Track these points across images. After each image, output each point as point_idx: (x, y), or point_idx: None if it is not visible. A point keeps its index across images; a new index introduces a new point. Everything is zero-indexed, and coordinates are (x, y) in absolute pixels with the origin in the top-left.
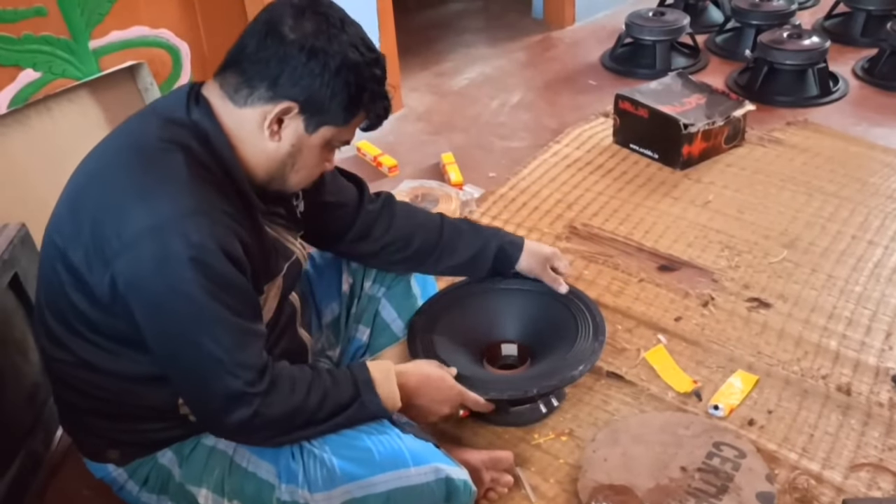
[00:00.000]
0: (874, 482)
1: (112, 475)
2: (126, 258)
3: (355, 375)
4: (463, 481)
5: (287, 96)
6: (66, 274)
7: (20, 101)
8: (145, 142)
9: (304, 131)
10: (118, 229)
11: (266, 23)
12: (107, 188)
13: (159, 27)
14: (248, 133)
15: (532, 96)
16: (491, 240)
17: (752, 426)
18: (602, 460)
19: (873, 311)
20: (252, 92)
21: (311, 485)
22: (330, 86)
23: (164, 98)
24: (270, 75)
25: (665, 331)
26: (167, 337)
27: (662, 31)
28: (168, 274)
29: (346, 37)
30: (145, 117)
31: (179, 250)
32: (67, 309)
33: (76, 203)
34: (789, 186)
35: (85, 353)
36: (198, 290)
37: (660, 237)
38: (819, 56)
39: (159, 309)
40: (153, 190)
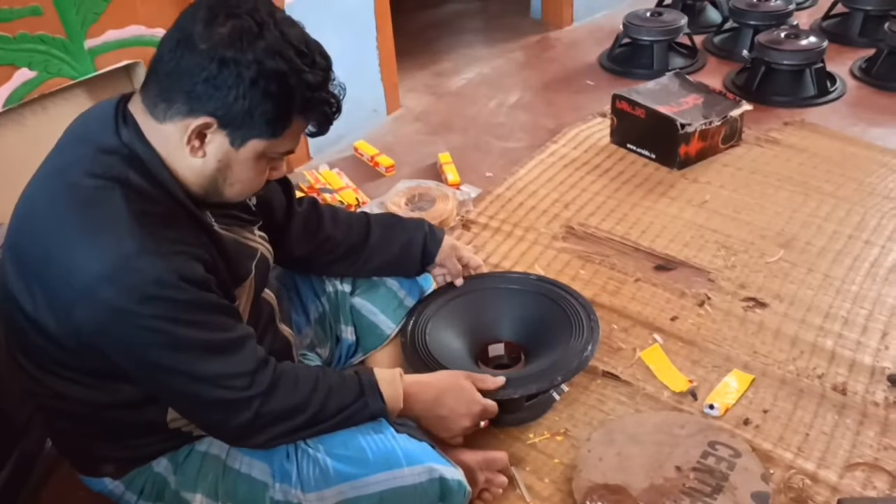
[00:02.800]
0: (869, 482)
1: (109, 488)
2: (84, 308)
3: (361, 377)
4: (457, 481)
5: (203, 111)
6: (26, 322)
7: (15, 100)
8: (79, 181)
9: (230, 146)
10: (68, 279)
11: (179, 29)
12: (47, 236)
13: (155, 27)
14: (174, 149)
15: (530, 96)
16: (416, 232)
17: (747, 426)
18: (597, 460)
19: (869, 310)
20: (170, 106)
21: (305, 484)
22: (247, 98)
23: (92, 117)
24: (183, 87)
25: (661, 330)
26: (148, 371)
27: (660, 31)
28: (130, 317)
29: (263, 42)
30: (74, 147)
31: (136, 291)
32: (36, 351)
33: (17, 253)
34: (786, 186)
35: (63, 389)
36: (164, 324)
37: (656, 237)
38: (816, 56)
39: (132, 350)
40: (97, 235)
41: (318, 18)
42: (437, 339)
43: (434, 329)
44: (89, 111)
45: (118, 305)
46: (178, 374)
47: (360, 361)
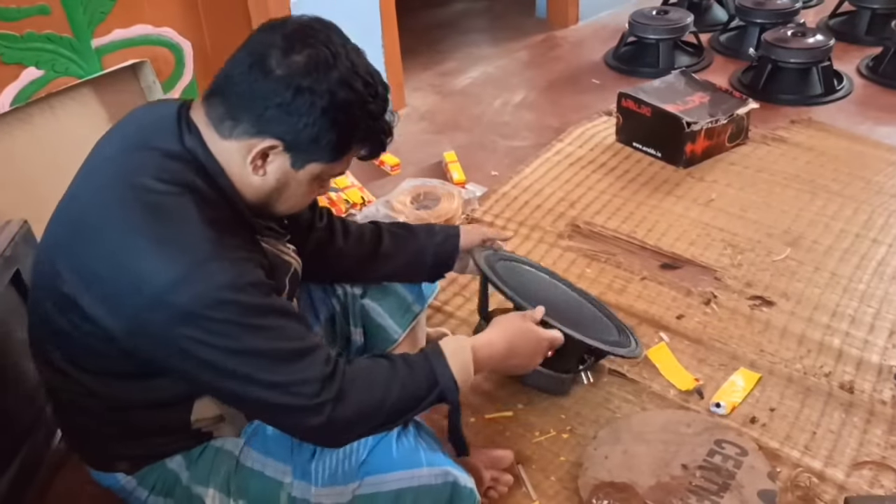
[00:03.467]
0: (876, 480)
1: (121, 483)
2: (155, 312)
3: (432, 361)
4: (469, 489)
5: (271, 133)
6: (79, 320)
7: (23, 99)
8: (148, 185)
9: (290, 167)
10: (138, 284)
11: (253, 53)
12: (115, 240)
13: (162, 25)
14: (234, 164)
15: (535, 95)
16: (427, 242)
17: (754, 424)
18: (603, 458)
19: (876, 309)
20: (236, 125)
21: (324, 480)
22: (317, 125)
23: (150, 122)
24: (254, 110)
25: (667, 329)
26: (214, 378)
27: (666, 29)
28: (202, 321)
29: (336, 73)
30: (136, 153)
31: (208, 296)
32: (79, 350)
33: (77, 251)
34: (793, 185)
35: (98, 387)
36: (235, 328)
37: (662, 235)
38: (823, 54)
39: (200, 356)
40: (169, 240)
41: (324, 15)
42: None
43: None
44: (142, 117)
45: (190, 310)
46: (247, 380)
47: None
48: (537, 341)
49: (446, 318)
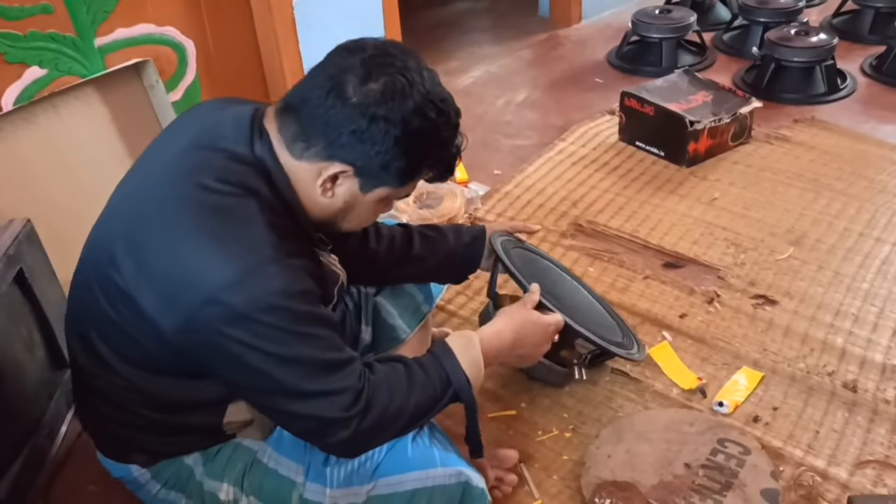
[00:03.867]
0: (880, 479)
1: (133, 475)
2: (207, 310)
3: (442, 361)
4: (481, 489)
5: (343, 159)
6: (129, 313)
7: (26, 98)
8: (211, 185)
9: (358, 190)
10: (195, 281)
11: (331, 77)
12: (175, 236)
13: (165, 25)
14: (303, 183)
15: (538, 94)
16: (457, 243)
17: (757, 423)
18: (606, 457)
19: (880, 308)
20: (308, 147)
21: (338, 481)
22: (389, 153)
23: (225, 120)
24: (328, 136)
25: (670, 328)
26: (254, 381)
27: (669, 28)
28: (251, 324)
29: (411, 102)
30: (202, 152)
31: (261, 300)
32: (124, 341)
33: (137, 244)
34: (796, 184)
35: (137, 380)
36: (284, 335)
37: (665, 234)
38: (827, 53)
39: (245, 358)
40: (229, 241)
41: (327, 16)
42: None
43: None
44: (214, 114)
45: (242, 312)
46: (285, 387)
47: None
48: (543, 328)
49: (449, 317)
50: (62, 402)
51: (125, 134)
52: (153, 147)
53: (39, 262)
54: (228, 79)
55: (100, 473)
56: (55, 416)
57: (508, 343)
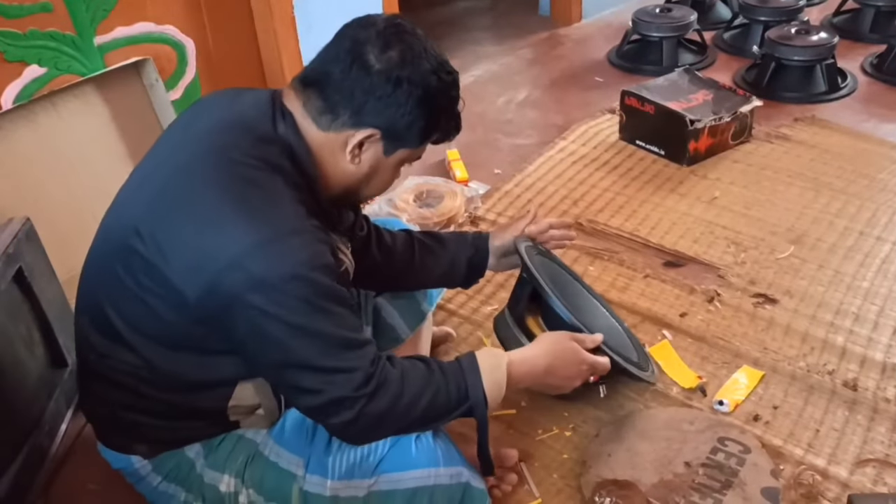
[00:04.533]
0: (880, 478)
1: (134, 467)
2: (231, 275)
3: (466, 375)
4: (481, 490)
5: (370, 124)
6: (152, 283)
7: (26, 96)
8: (241, 160)
9: (382, 154)
10: (221, 247)
11: (350, 51)
12: (207, 205)
13: (164, 23)
14: (329, 154)
15: (538, 93)
16: (460, 252)
17: (757, 422)
18: (606, 455)
19: (880, 306)
20: (335, 118)
21: (339, 474)
22: (412, 114)
23: (246, 103)
24: (355, 104)
25: (670, 326)
26: (270, 351)
27: (669, 27)
28: (272, 291)
29: (427, 64)
30: (230, 132)
31: (284, 268)
32: (143, 314)
33: (163, 215)
34: (796, 183)
35: (152, 356)
36: (303, 306)
37: (666, 233)
38: (827, 52)
39: (263, 326)
40: (256, 210)
41: (327, 13)
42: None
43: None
44: (231, 100)
45: (264, 278)
46: (298, 359)
47: None
48: (579, 364)
49: (448, 316)
50: (62, 401)
51: (125, 133)
52: (170, 134)
53: (39, 261)
54: (228, 78)
55: (99, 472)
56: (55, 415)
57: (541, 371)
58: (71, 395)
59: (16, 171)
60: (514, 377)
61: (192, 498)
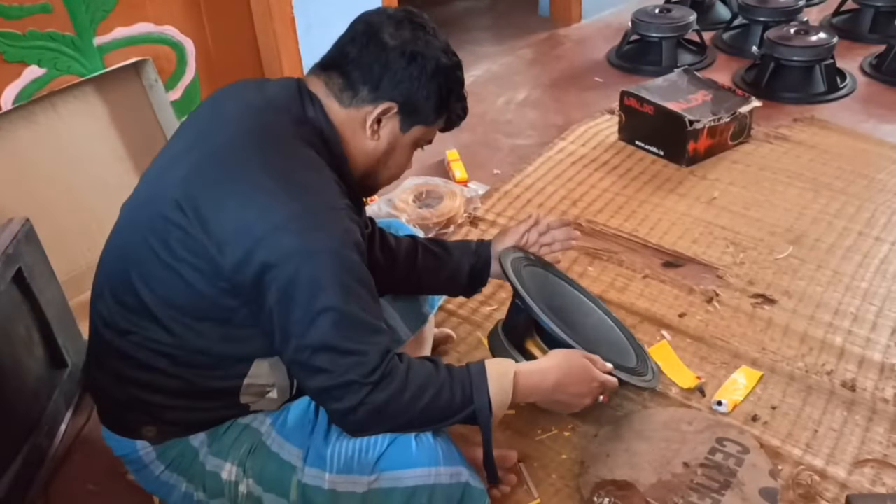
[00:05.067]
0: (878, 478)
1: (139, 454)
2: (266, 245)
3: (472, 378)
4: (480, 490)
5: (388, 98)
6: (188, 253)
7: (25, 97)
8: (283, 137)
9: (399, 130)
10: (261, 217)
11: (366, 32)
12: (251, 178)
13: (164, 24)
14: (351, 131)
15: (538, 94)
16: (463, 259)
17: (755, 422)
18: (605, 456)
19: (879, 307)
20: (356, 94)
21: (338, 468)
22: (426, 87)
23: (274, 91)
24: (373, 79)
25: (669, 327)
26: (289, 325)
27: (669, 27)
28: (305, 263)
29: (438, 43)
30: (269, 114)
31: (318, 240)
32: (174, 284)
33: (210, 188)
34: (796, 183)
35: (177, 327)
36: (330, 280)
37: (665, 233)
38: (826, 52)
39: (291, 296)
40: (298, 184)
41: (327, 13)
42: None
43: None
44: (258, 88)
45: (297, 248)
46: (313, 335)
47: None
48: (590, 382)
49: (448, 317)
50: (61, 401)
51: (124, 133)
52: (193, 122)
53: (38, 262)
54: (228, 78)
55: (100, 472)
56: (54, 415)
57: (549, 386)
58: (70, 395)
59: (15, 171)
60: (522, 388)
61: (193, 488)
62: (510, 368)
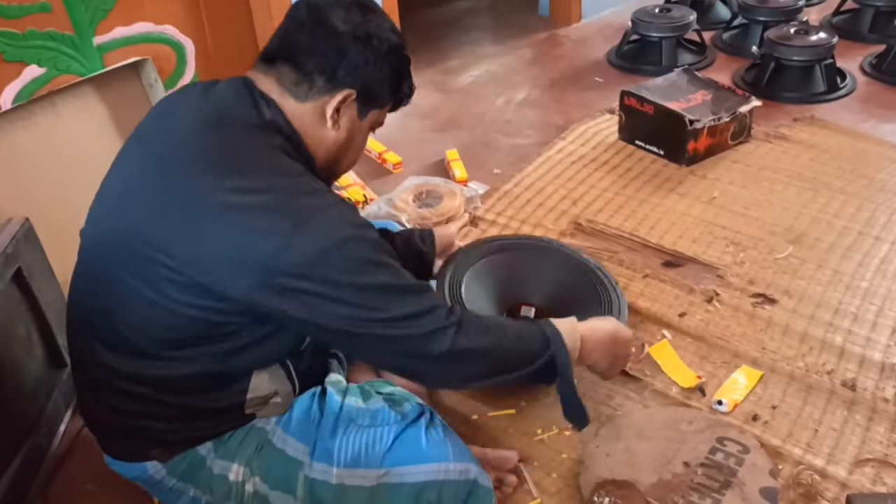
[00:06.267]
0: (879, 478)
1: (149, 472)
2: (284, 261)
3: (543, 326)
4: (487, 488)
5: (346, 85)
6: (185, 295)
7: (25, 96)
8: (249, 152)
9: (356, 117)
10: (265, 237)
11: (313, 18)
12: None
13: (163, 23)
14: (310, 125)
15: (538, 93)
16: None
17: (756, 421)
18: (605, 455)
19: (879, 306)
20: (312, 86)
21: (346, 461)
22: (381, 70)
23: (222, 97)
24: (329, 67)
25: (669, 326)
26: (344, 318)
27: (669, 27)
28: (333, 261)
29: (387, 24)
30: (224, 126)
31: (335, 235)
32: (160, 319)
33: (186, 223)
34: (795, 182)
35: (172, 362)
36: (364, 264)
37: (665, 233)
38: (826, 52)
39: (334, 297)
40: (287, 193)
41: None
42: (471, 296)
43: (468, 286)
44: (200, 96)
45: (319, 250)
46: (379, 316)
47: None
48: (628, 343)
49: None
50: (60, 401)
51: (124, 133)
52: (139, 141)
53: (38, 261)
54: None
55: (98, 472)
56: (53, 415)
57: (606, 341)
58: (70, 395)
59: (15, 171)
60: (586, 344)
61: (200, 493)
62: (576, 325)
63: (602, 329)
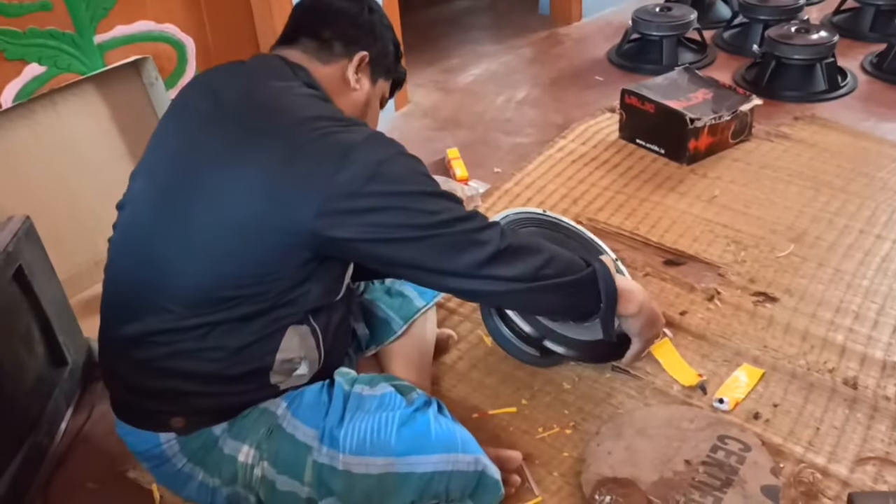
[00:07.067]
0: (880, 476)
1: (161, 447)
2: (346, 174)
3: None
4: (495, 480)
5: (359, 48)
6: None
7: (25, 95)
8: (311, 110)
9: (369, 83)
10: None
11: (322, 2)
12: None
13: (164, 22)
14: (336, 87)
15: (538, 92)
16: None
17: (757, 420)
18: (606, 453)
19: (880, 305)
20: (331, 51)
21: (351, 448)
22: (384, 37)
23: (261, 72)
24: (344, 32)
25: (671, 324)
26: (408, 227)
27: (669, 26)
28: (393, 169)
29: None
30: (279, 95)
31: (391, 149)
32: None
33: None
34: (796, 181)
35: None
36: (419, 176)
37: (666, 232)
38: (827, 51)
39: (398, 201)
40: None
41: None
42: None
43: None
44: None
45: (378, 160)
46: (436, 220)
47: (372, 354)
48: (659, 314)
49: (449, 315)
50: (61, 399)
51: (124, 131)
52: (186, 108)
53: (38, 259)
54: None
55: (99, 471)
56: (54, 414)
57: (644, 295)
58: (70, 393)
59: (15, 169)
60: (622, 288)
61: (208, 476)
62: (613, 267)
63: (637, 286)
